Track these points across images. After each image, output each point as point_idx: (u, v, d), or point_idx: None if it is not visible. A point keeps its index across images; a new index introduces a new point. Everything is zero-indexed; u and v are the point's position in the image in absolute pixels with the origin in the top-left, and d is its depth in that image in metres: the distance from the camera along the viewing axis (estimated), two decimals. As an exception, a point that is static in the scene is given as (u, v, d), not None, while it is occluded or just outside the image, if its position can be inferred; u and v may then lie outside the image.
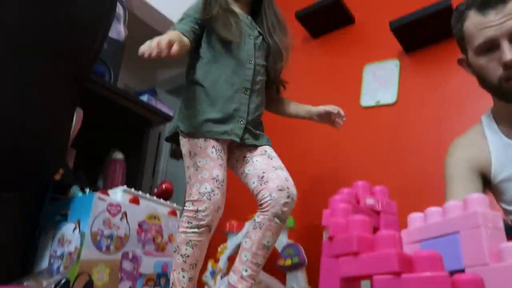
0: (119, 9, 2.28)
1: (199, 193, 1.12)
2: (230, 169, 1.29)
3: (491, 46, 0.91)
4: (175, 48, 1.00)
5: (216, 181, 1.14)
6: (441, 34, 1.77)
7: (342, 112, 1.41)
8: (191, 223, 1.12)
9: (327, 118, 1.43)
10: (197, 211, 1.12)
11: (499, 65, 0.90)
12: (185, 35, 1.17)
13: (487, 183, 1.03)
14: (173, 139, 1.29)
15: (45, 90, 1.17)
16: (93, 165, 1.82)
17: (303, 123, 2.16)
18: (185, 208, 1.16)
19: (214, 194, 1.12)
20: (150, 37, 1.04)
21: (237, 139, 1.22)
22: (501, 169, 0.98)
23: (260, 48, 1.31)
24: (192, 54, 1.31)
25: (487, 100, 1.06)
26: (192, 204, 1.13)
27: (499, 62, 0.90)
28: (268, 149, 1.28)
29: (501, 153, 0.99)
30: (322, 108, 1.42)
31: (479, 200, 0.59)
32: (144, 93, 1.97)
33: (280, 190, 1.12)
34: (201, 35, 1.28)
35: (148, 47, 0.97)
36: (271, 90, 1.42)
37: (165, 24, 2.71)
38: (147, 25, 2.69)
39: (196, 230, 1.12)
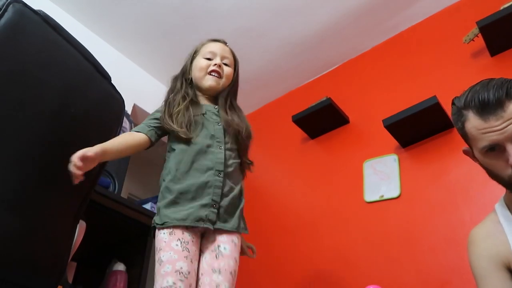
0: (125, 123, 2.41)
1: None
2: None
3: (497, 148, 0.92)
4: (78, 164, 1.00)
5: (180, 273, 1.10)
6: (433, 129, 1.84)
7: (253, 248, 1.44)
8: None
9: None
10: None
11: (507, 165, 0.91)
12: (145, 133, 1.28)
13: None
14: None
15: (47, 204, 1.17)
16: (93, 277, 1.74)
17: (309, 223, 2.12)
18: None
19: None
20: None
21: (211, 227, 1.20)
22: None
23: (228, 133, 1.35)
24: (167, 148, 1.36)
25: (492, 187, 1.06)
26: None
27: (507, 162, 0.91)
28: (223, 243, 1.23)
29: None
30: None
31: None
32: (148, 201, 1.97)
33: None
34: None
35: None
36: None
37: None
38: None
39: None
